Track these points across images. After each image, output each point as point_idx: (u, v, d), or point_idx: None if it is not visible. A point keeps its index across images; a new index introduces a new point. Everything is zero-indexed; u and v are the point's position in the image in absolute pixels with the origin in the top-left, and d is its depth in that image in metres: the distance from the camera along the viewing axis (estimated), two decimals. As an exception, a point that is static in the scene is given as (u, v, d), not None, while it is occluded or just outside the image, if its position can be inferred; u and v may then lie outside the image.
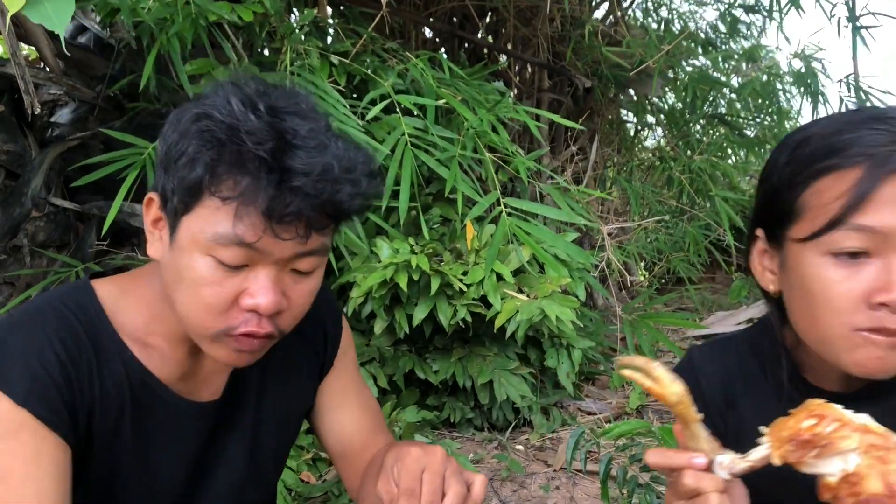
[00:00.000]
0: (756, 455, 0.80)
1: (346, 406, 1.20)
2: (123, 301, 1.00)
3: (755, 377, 1.03)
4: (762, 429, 0.81)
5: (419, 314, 2.61)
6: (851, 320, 0.85)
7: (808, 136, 0.90)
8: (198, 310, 0.90)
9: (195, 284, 0.89)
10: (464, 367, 2.85)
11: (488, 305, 2.58)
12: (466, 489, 0.89)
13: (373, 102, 2.49)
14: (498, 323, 2.53)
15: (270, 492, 1.21)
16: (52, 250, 2.73)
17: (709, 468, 0.82)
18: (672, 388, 0.80)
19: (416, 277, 2.49)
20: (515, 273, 2.68)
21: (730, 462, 0.81)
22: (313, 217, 0.87)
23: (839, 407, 0.77)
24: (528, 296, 2.61)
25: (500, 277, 2.59)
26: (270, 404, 1.12)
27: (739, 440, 0.89)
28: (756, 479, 0.90)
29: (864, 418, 0.76)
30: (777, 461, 0.78)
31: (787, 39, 8.54)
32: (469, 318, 2.61)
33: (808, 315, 0.89)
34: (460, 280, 2.55)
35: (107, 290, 1.00)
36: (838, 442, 0.74)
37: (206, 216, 0.86)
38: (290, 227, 0.86)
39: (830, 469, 0.75)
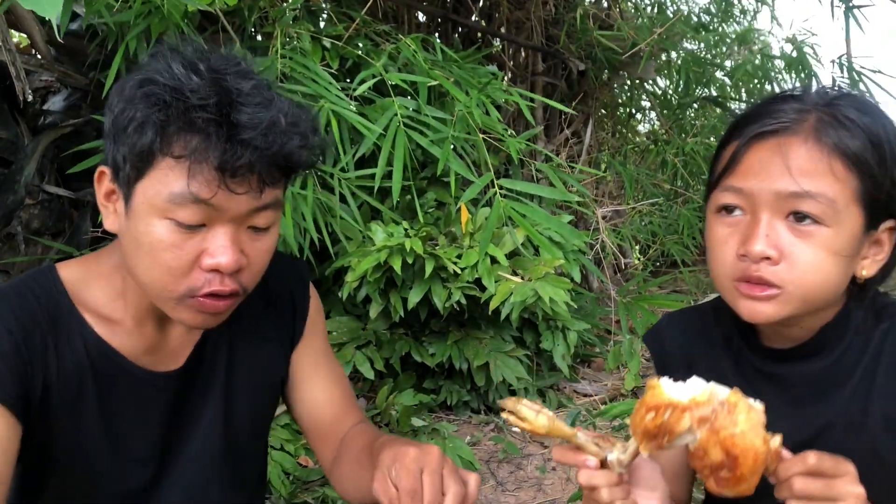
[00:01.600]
0: (630, 449, 0.87)
1: (317, 378, 1.21)
2: (87, 280, 1.02)
3: (714, 339, 1.10)
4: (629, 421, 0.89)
5: (414, 297, 2.62)
6: (731, 271, 0.94)
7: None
8: (159, 274, 0.91)
9: (154, 249, 0.90)
10: (460, 350, 2.86)
11: (483, 288, 2.59)
12: (464, 487, 0.91)
13: (364, 83, 2.48)
14: (492, 305, 2.54)
15: (254, 463, 1.21)
16: (46, 238, 2.73)
17: (604, 465, 0.89)
18: (538, 421, 0.87)
19: (410, 261, 2.49)
20: (510, 256, 2.69)
21: (617, 459, 0.88)
22: (265, 170, 0.88)
23: (668, 388, 0.82)
24: (522, 278, 2.62)
25: (494, 260, 2.60)
26: (241, 372, 1.13)
27: None
28: None
29: (690, 389, 0.82)
30: (645, 453, 0.85)
31: (779, 24, 8.52)
32: (464, 301, 2.61)
33: (712, 270, 1.00)
34: (455, 263, 2.56)
35: (71, 270, 1.02)
36: (675, 426, 0.80)
37: (160, 178, 0.88)
38: (244, 180, 0.88)
39: (686, 441, 0.82)
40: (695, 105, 4.88)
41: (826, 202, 0.88)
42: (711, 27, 4.95)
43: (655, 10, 4.64)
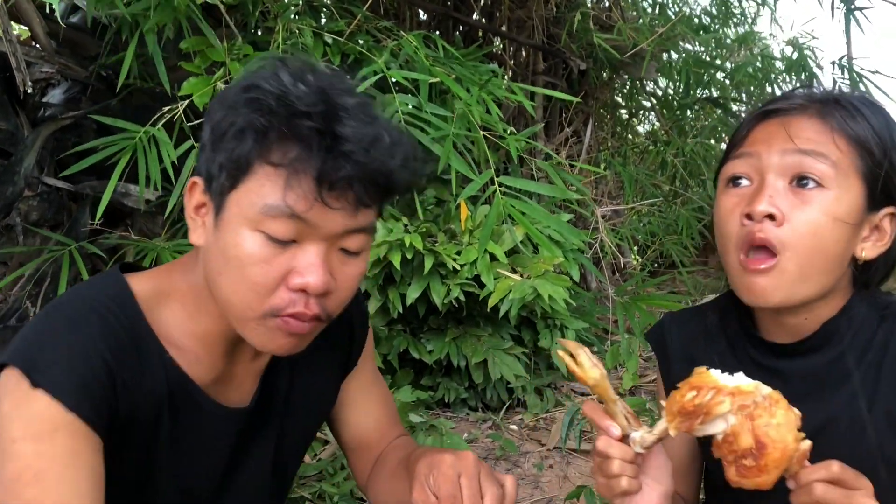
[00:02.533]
0: (658, 428, 0.89)
1: (364, 402, 1.20)
2: (159, 299, 0.97)
3: (716, 336, 1.12)
4: (661, 403, 0.90)
5: (412, 293, 2.62)
6: (736, 241, 0.97)
7: None
8: (244, 290, 0.87)
9: (242, 263, 0.86)
10: (458, 347, 2.86)
11: (482, 285, 2.59)
12: (501, 490, 0.91)
13: (365, 80, 2.48)
14: (491, 302, 2.54)
15: (286, 490, 1.22)
16: (45, 229, 2.72)
17: (624, 441, 0.91)
18: (591, 372, 0.89)
19: (409, 256, 2.49)
20: (509, 253, 2.69)
21: (640, 437, 0.90)
22: (364, 186, 0.85)
23: (716, 374, 0.85)
24: (521, 275, 2.62)
25: (493, 257, 2.60)
26: (296, 403, 1.11)
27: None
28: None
29: (737, 379, 0.84)
30: (673, 432, 0.87)
31: (779, 27, 8.53)
32: (462, 298, 2.61)
33: (719, 248, 1.02)
34: (454, 260, 2.56)
35: (142, 287, 0.97)
36: (715, 408, 0.82)
37: (255, 189, 0.85)
38: (341, 195, 0.84)
39: (716, 430, 0.84)
40: (695, 106, 4.88)
41: (829, 163, 0.93)
42: (712, 28, 4.94)
43: (657, 11, 4.64)
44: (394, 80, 2.50)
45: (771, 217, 0.93)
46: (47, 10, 2.71)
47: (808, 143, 0.93)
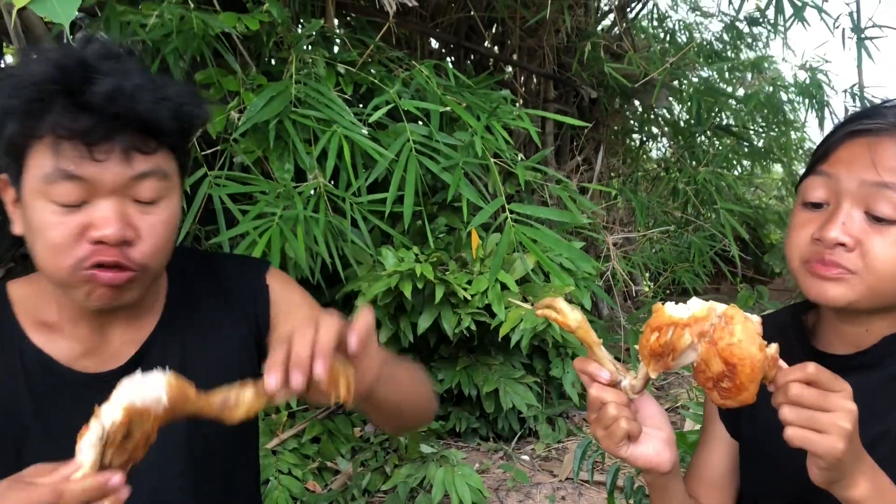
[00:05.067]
0: (640, 373, 0.90)
1: None
2: (32, 290, 1.05)
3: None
4: (636, 346, 0.92)
5: (423, 323, 2.61)
6: (801, 253, 0.97)
7: None
8: (48, 253, 0.93)
9: (41, 230, 0.92)
10: (469, 376, 2.84)
11: (493, 314, 2.58)
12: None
13: (377, 109, 2.50)
14: (502, 332, 2.53)
15: (240, 470, 1.18)
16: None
17: (614, 386, 0.92)
18: (572, 315, 0.91)
19: (420, 286, 2.49)
20: (520, 282, 2.68)
21: (629, 384, 0.91)
22: (121, 133, 0.90)
23: (670, 309, 0.85)
24: (532, 305, 2.61)
25: (504, 286, 2.59)
26: (199, 374, 1.04)
27: (755, 404, 0.98)
28: (746, 466, 0.97)
29: (691, 307, 0.85)
30: (653, 374, 0.88)
31: (792, 51, 8.56)
32: (473, 327, 2.60)
33: (786, 254, 1.03)
34: (465, 289, 2.55)
35: (20, 284, 1.06)
36: (678, 343, 0.84)
37: (35, 164, 0.91)
38: (102, 146, 0.89)
39: (689, 361, 0.85)
40: (707, 133, 4.88)
41: None
42: (724, 54, 4.96)
43: (668, 38, 4.66)
44: (405, 108, 2.51)
45: (842, 244, 0.93)
46: (64, 41, 2.75)
47: (889, 173, 0.92)
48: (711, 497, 1.12)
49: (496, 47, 4.03)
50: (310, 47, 2.57)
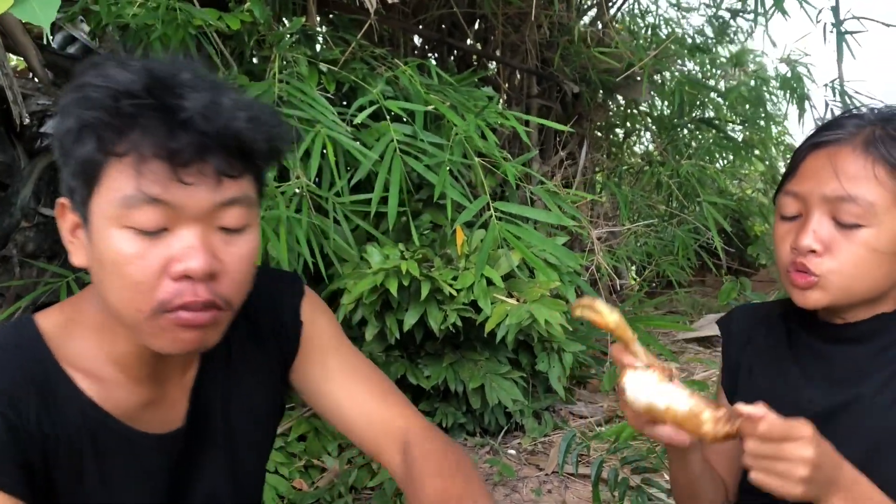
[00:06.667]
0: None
1: (344, 395, 1.11)
2: (69, 331, 0.92)
3: (774, 322, 1.23)
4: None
5: (410, 320, 2.62)
6: (785, 262, 1.08)
7: None
8: (127, 292, 0.83)
9: (118, 265, 0.82)
10: (455, 372, 2.85)
11: (478, 310, 2.59)
12: None
13: (361, 109, 2.50)
14: (488, 327, 2.54)
15: (255, 492, 1.16)
16: (42, 260, 2.72)
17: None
18: (611, 317, 0.95)
19: (406, 283, 2.49)
20: (506, 278, 2.69)
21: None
22: (216, 156, 0.82)
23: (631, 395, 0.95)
24: (517, 300, 2.62)
25: (490, 282, 2.60)
26: (238, 413, 1.05)
27: (752, 371, 1.21)
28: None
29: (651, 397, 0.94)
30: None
31: (773, 43, 8.59)
32: (459, 323, 2.61)
33: (776, 262, 1.14)
34: (450, 285, 2.56)
35: (51, 322, 0.93)
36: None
37: (111, 186, 0.81)
38: (196, 170, 0.81)
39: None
40: (690, 126, 4.91)
41: (866, 205, 1.00)
42: (706, 48, 4.98)
43: (649, 32, 4.68)
44: (388, 108, 2.52)
45: (813, 251, 1.03)
46: (44, 42, 2.73)
47: (849, 182, 1.00)
48: (719, 463, 1.24)
49: (479, 43, 4.03)
50: (292, 46, 2.56)
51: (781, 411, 0.89)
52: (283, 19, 2.88)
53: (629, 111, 4.97)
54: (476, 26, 3.97)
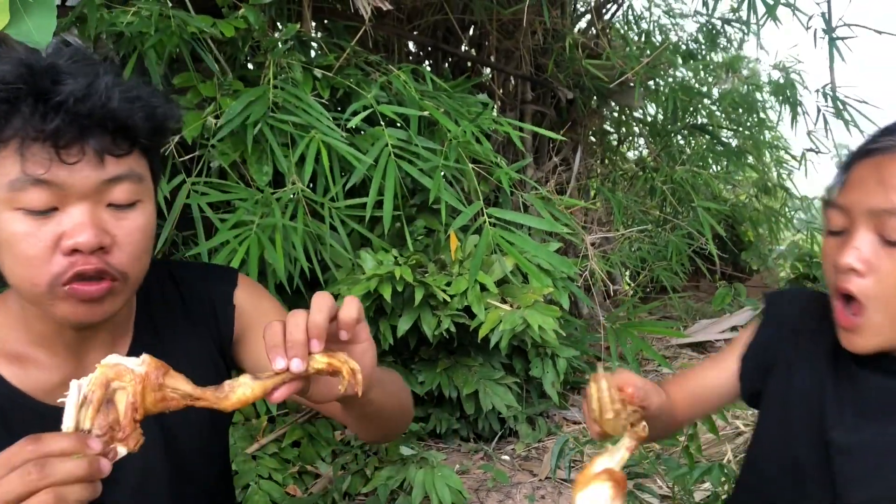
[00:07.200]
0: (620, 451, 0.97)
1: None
2: None
3: (825, 325, 1.10)
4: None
5: (403, 325, 2.62)
6: (832, 283, 0.99)
7: None
8: (22, 268, 0.88)
9: (11, 245, 0.87)
10: (449, 378, 2.86)
11: (472, 316, 2.59)
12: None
13: (356, 114, 2.50)
14: (482, 333, 2.55)
15: (211, 467, 1.17)
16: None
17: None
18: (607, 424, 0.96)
19: (400, 289, 2.50)
20: (499, 283, 2.70)
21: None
22: (93, 134, 0.86)
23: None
24: (511, 306, 2.63)
25: (483, 288, 2.61)
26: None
27: (791, 368, 1.10)
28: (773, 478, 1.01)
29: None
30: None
31: (765, 51, 8.64)
32: (453, 329, 2.62)
33: None
34: (444, 291, 2.57)
35: None
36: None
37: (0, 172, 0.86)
38: (77, 149, 0.85)
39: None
40: (683, 132, 4.93)
41: None
42: (699, 55, 5.01)
43: (643, 39, 4.70)
44: (382, 113, 2.52)
45: (854, 269, 0.94)
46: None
47: (894, 192, 0.92)
48: (680, 400, 1.19)
49: (473, 50, 4.05)
50: (287, 52, 2.57)
51: (806, 425, 0.86)
52: (278, 25, 2.88)
53: (623, 117, 4.99)
54: (470, 32, 3.99)
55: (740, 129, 5.18)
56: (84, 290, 0.89)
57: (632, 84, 3.70)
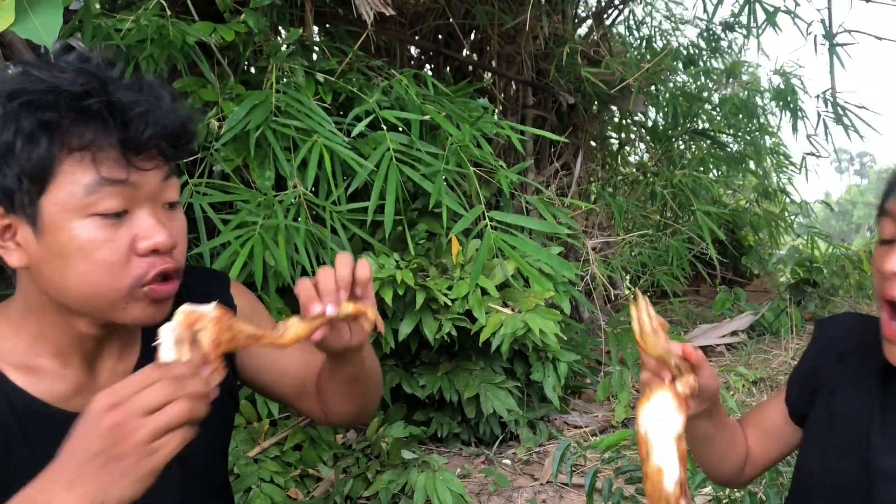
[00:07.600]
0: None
1: (277, 354, 1.19)
2: (1, 332, 0.97)
3: (877, 351, 1.07)
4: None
5: (405, 329, 2.62)
6: (878, 291, 0.96)
7: None
8: (100, 274, 0.89)
9: (86, 252, 0.88)
10: (450, 382, 2.86)
11: (473, 320, 2.60)
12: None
13: (358, 119, 2.51)
14: (483, 337, 2.55)
15: (215, 480, 1.18)
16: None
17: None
18: (657, 345, 0.98)
19: (401, 292, 2.50)
20: (500, 287, 2.70)
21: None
22: (165, 143, 0.91)
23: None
24: (512, 309, 2.63)
25: (484, 292, 2.61)
26: None
27: (834, 393, 1.07)
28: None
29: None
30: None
31: (766, 56, 8.65)
32: (454, 333, 2.62)
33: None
34: (445, 295, 2.57)
35: None
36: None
37: (67, 180, 0.86)
38: (150, 156, 0.90)
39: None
40: (684, 137, 4.94)
41: None
42: (700, 60, 5.02)
43: (644, 44, 4.71)
44: (384, 117, 2.53)
45: None
46: (42, 50, 2.74)
47: None
48: (754, 439, 1.19)
49: (475, 54, 4.06)
50: (289, 56, 2.58)
51: (849, 448, 0.84)
52: (281, 29, 2.89)
53: (624, 122, 5.00)
54: (472, 37, 4.00)
55: (741, 133, 5.19)
56: (162, 289, 0.93)
57: (632, 90, 3.71)
